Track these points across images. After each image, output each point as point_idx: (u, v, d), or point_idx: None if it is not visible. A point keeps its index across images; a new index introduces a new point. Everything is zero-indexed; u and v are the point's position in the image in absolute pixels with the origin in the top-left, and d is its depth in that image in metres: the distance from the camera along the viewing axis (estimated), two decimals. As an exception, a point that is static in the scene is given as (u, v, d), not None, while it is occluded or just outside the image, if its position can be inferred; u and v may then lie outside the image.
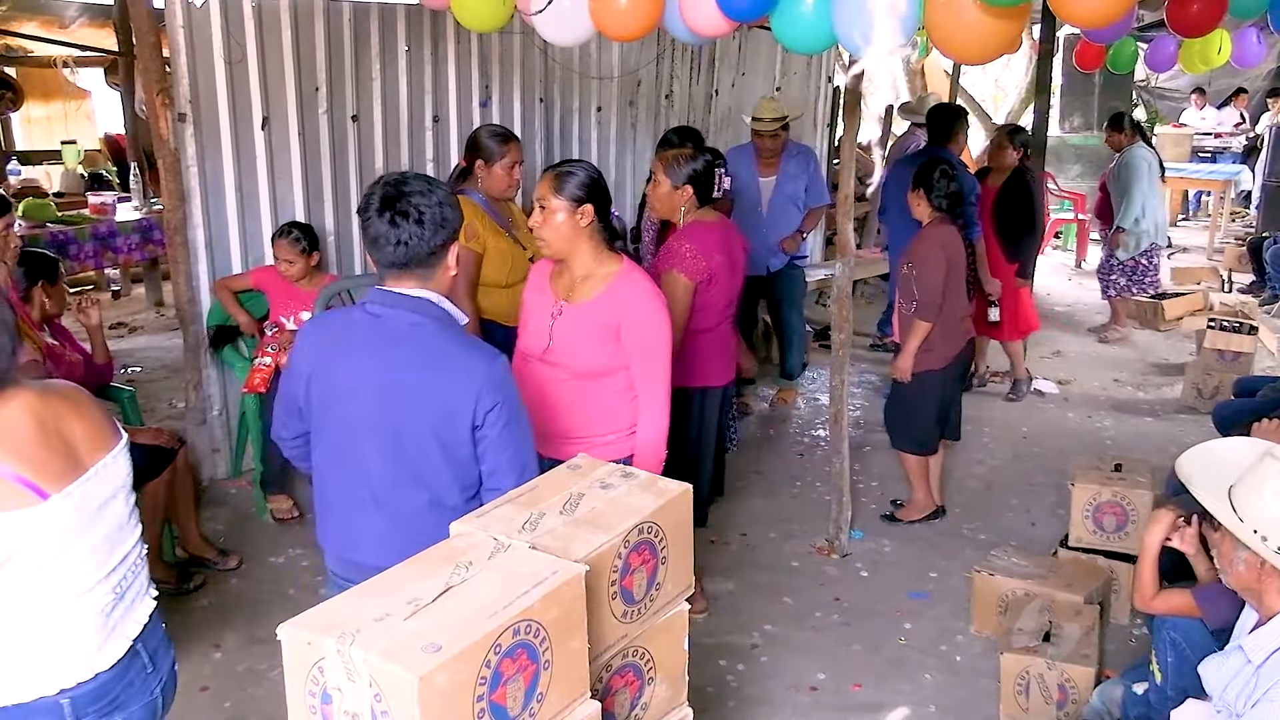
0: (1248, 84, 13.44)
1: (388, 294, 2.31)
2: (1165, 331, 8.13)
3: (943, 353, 4.56)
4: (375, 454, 2.31)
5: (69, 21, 9.16)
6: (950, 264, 4.49)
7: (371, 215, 2.26)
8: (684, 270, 3.64)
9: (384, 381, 2.28)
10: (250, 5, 4.71)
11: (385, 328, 2.30)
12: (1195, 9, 4.40)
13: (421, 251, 2.27)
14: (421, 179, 2.31)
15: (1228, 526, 2.26)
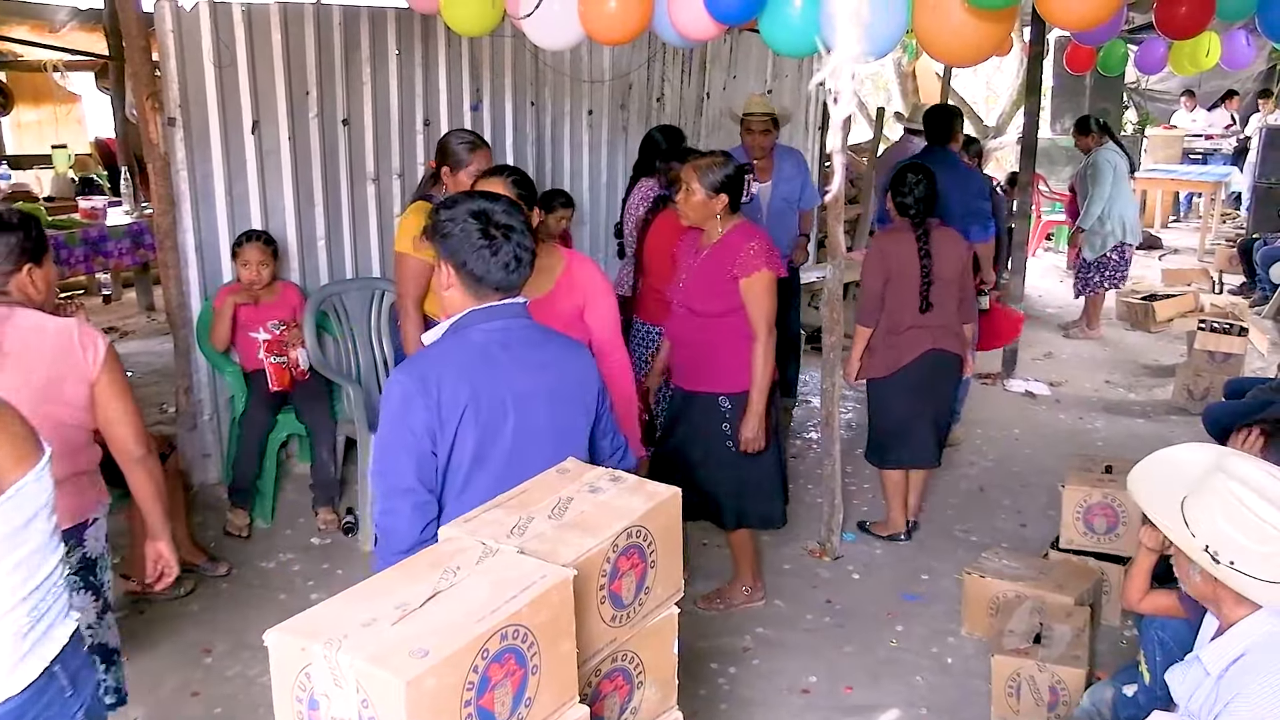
0: (1238, 85, 13.50)
1: (494, 309, 2.35)
2: (1156, 333, 8.16)
3: (885, 362, 4.45)
4: (545, 457, 2.26)
5: (59, 25, 9.13)
6: (893, 272, 4.37)
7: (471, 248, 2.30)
8: (770, 266, 3.67)
9: (545, 386, 2.36)
10: (240, 9, 4.70)
11: (510, 338, 2.35)
12: (1183, 11, 4.42)
13: (517, 278, 2.36)
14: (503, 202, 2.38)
15: (1178, 544, 2.23)
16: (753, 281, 3.63)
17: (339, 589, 1.74)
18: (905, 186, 4.39)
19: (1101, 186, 7.69)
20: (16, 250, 2.51)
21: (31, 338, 2.47)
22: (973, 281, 4.73)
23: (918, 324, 4.40)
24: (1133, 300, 8.48)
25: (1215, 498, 2.16)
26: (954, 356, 4.52)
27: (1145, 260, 11.02)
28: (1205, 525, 2.16)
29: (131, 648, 3.75)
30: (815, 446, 5.58)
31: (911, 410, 4.49)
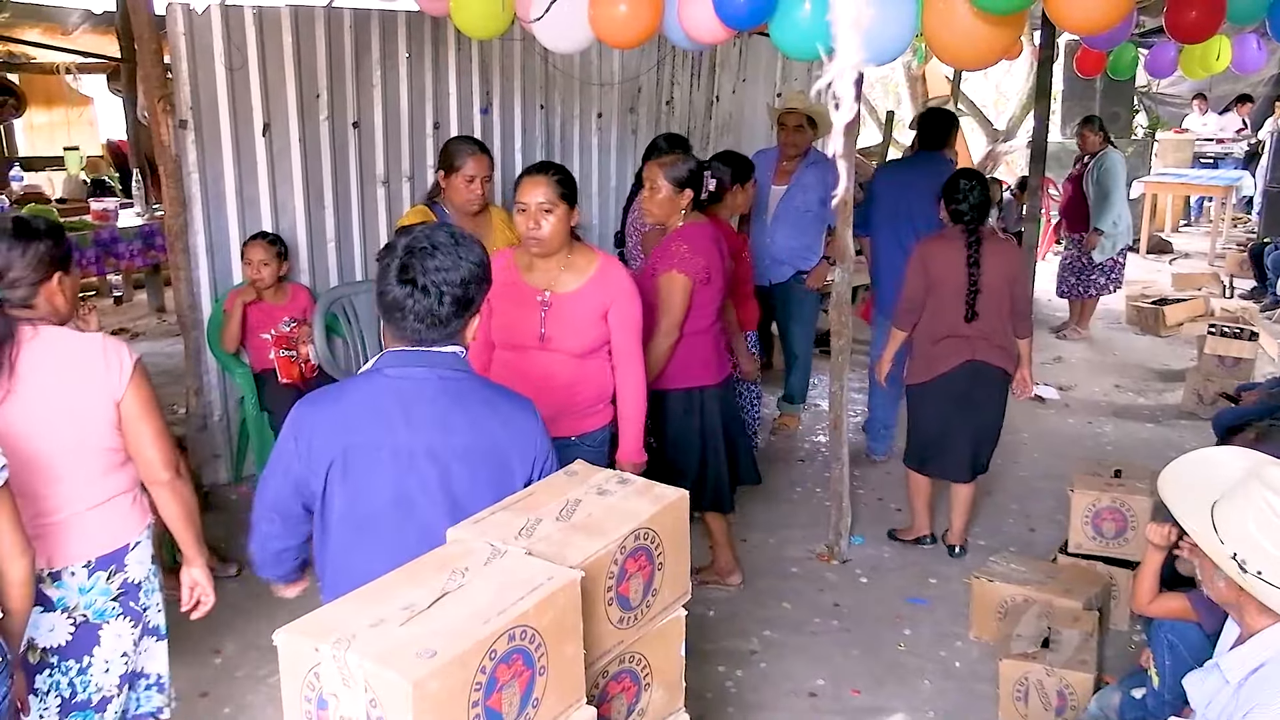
0: (1250, 89, 13.46)
1: (412, 354, 2.15)
2: (1166, 337, 8.14)
3: (922, 368, 4.39)
4: (434, 526, 2.02)
5: (72, 28, 9.19)
6: (935, 278, 4.27)
7: (389, 279, 2.11)
8: (684, 270, 3.70)
9: (434, 447, 2.13)
10: (251, 12, 4.72)
11: (419, 390, 2.14)
12: (1194, 15, 4.41)
13: (437, 333, 2.14)
14: (451, 246, 2.13)
15: (1205, 549, 2.20)
16: (662, 279, 3.70)
17: (347, 590, 1.75)
18: (959, 193, 4.25)
19: (1120, 189, 7.71)
20: (46, 259, 2.43)
21: (56, 358, 2.37)
22: (1028, 295, 4.58)
23: (958, 333, 4.27)
24: (1143, 304, 8.46)
25: (1249, 506, 2.14)
26: (997, 370, 4.34)
27: (1156, 264, 11.00)
28: (1235, 532, 2.14)
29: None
30: (824, 450, 5.58)
31: (946, 421, 4.36)
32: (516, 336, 3.17)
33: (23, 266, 2.38)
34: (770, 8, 3.49)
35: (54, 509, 2.39)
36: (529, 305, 3.15)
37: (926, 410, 4.46)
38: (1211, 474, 2.32)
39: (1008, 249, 4.46)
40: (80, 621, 2.45)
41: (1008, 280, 4.30)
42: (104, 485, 2.46)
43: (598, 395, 3.28)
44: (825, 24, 3.44)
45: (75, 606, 2.44)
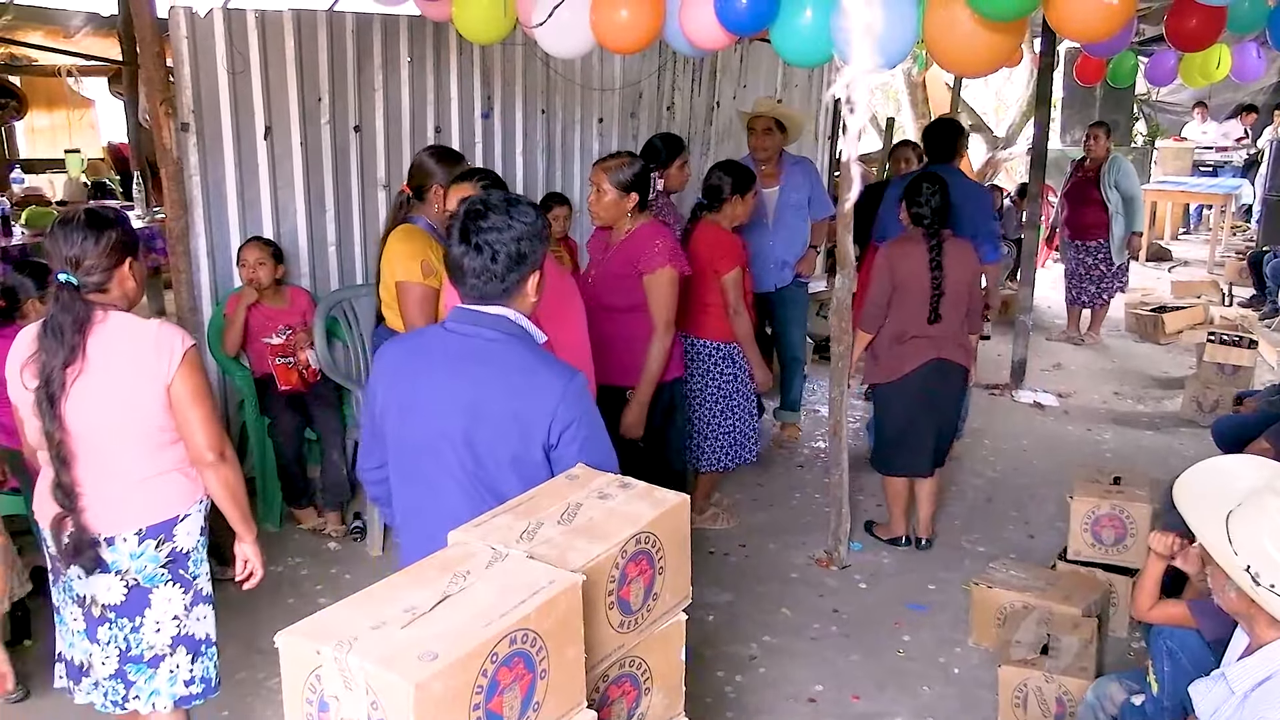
0: (1250, 98, 13.49)
1: (467, 312, 2.34)
2: (1165, 344, 8.15)
3: (888, 369, 4.46)
4: (456, 472, 2.30)
5: (73, 31, 9.20)
6: (900, 281, 4.38)
7: (451, 241, 2.31)
8: (674, 264, 3.82)
9: (464, 400, 2.28)
10: (254, 16, 4.73)
11: (464, 346, 2.31)
12: (1194, 24, 4.42)
13: (495, 288, 2.30)
14: (504, 207, 2.31)
15: (1219, 561, 2.19)
16: (655, 278, 3.79)
17: (347, 593, 1.75)
18: (920, 196, 4.36)
19: (1140, 189, 7.71)
20: (118, 246, 2.58)
21: (119, 342, 2.55)
22: (981, 294, 4.72)
23: (923, 334, 4.39)
24: (1142, 312, 8.47)
25: (1264, 519, 2.12)
26: (959, 367, 4.51)
27: (1155, 272, 11.01)
28: (1250, 545, 2.12)
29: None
30: (823, 456, 5.58)
31: (913, 418, 4.50)
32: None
33: (97, 254, 2.53)
34: (771, 14, 3.51)
35: (107, 480, 2.59)
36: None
37: (892, 409, 4.56)
38: (1227, 483, 2.30)
39: (966, 251, 4.53)
40: (132, 584, 2.65)
41: (967, 281, 4.46)
42: (154, 461, 2.63)
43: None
44: (826, 30, 3.46)
45: (127, 570, 2.63)
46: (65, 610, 2.71)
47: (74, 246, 2.52)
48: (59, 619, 2.74)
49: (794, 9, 3.45)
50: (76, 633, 2.71)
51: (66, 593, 2.69)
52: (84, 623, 2.68)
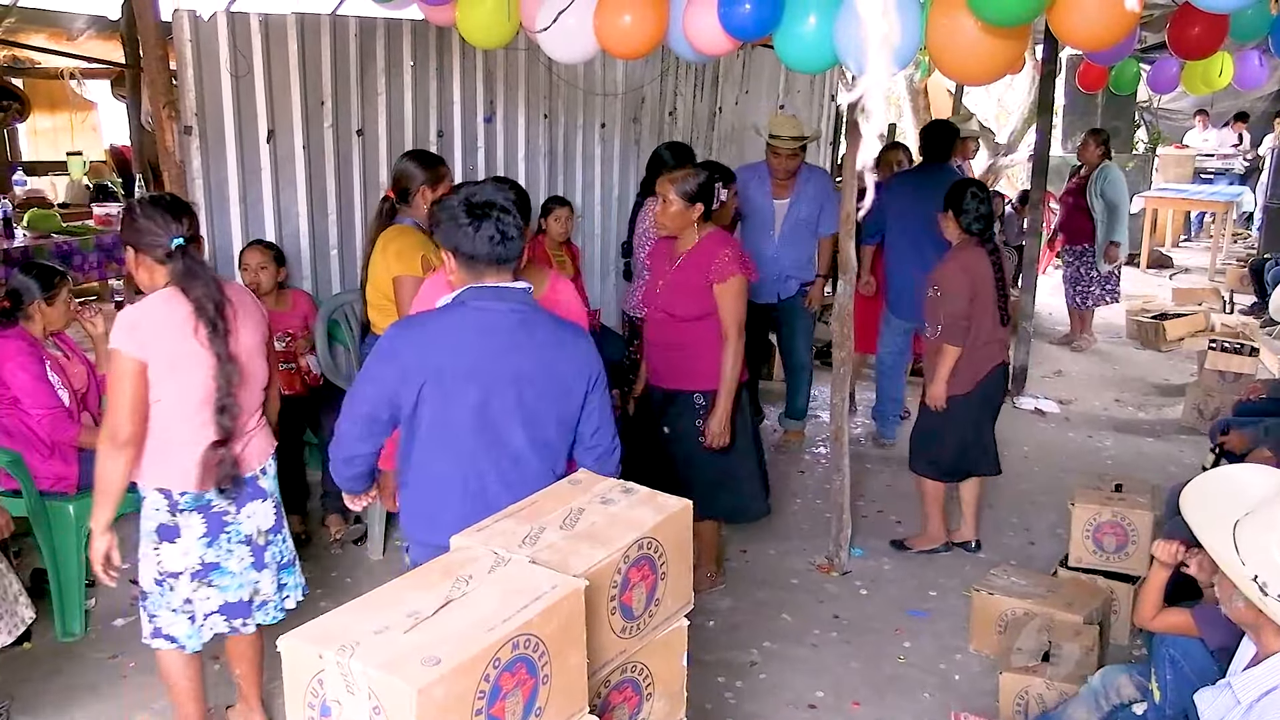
0: (1252, 106, 13.50)
1: (487, 289, 2.52)
2: (1167, 352, 8.15)
3: (968, 377, 4.43)
4: (508, 439, 2.52)
5: (76, 34, 9.21)
6: (976, 287, 4.37)
7: (464, 226, 2.49)
8: (743, 270, 3.88)
9: (516, 370, 2.49)
10: (257, 19, 4.73)
11: (500, 320, 2.51)
12: (1196, 32, 4.42)
13: (513, 265, 2.54)
14: (500, 189, 2.61)
15: (1226, 571, 2.17)
16: (726, 286, 3.83)
17: (347, 598, 1.75)
18: (968, 206, 4.38)
19: (1126, 199, 7.79)
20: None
21: (241, 304, 3.00)
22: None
23: (994, 338, 4.50)
24: (1143, 319, 8.48)
25: (1272, 529, 2.11)
26: (1008, 367, 4.72)
27: (1156, 279, 11.02)
28: (1258, 555, 2.11)
29: (139, 653, 3.77)
30: (824, 461, 5.58)
31: (981, 422, 4.58)
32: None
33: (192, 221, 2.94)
34: (775, 20, 3.51)
35: (254, 419, 3.05)
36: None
37: (967, 417, 4.50)
38: (1235, 492, 2.29)
39: (1004, 255, 4.67)
40: (276, 505, 3.14)
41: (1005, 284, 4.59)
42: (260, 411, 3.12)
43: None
44: (830, 36, 3.45)
45: (272, 493, 3.12)
46: (231, 559, 3.02)
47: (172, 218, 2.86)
48: (222, 573, 3.01)
49: (797, 15, 3.46)
50: (244, 570, 3.05)
51: (231, 540, 3.02)
52: (251, 556, 3.07)
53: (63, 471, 3.87)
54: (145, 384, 2.83)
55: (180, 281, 2.84)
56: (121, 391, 2.81)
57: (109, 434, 2.84)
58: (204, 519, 2.96)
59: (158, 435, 2.90)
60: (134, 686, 3.60)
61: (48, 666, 3.71)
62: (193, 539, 2.97)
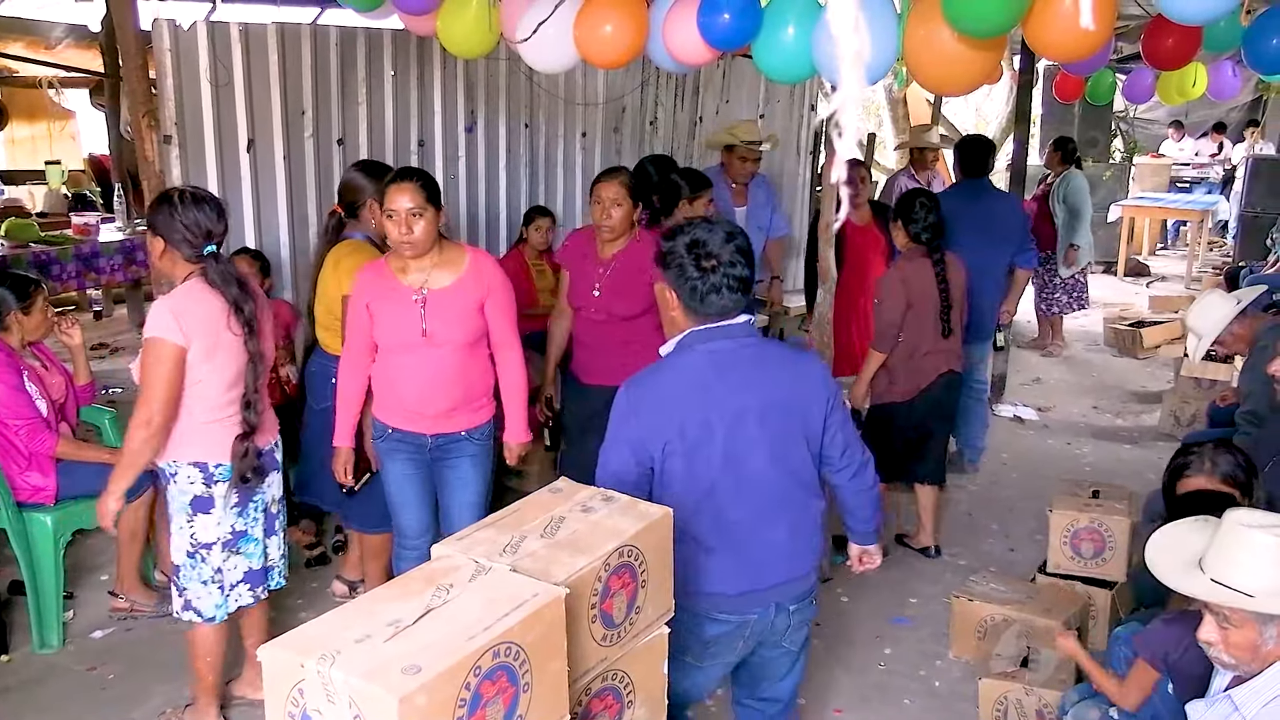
0: (1225, 116, 13.65)
1: (716, 330, 2.49)
2: (1144, 359, 8.22)
3: (905, 386, 4.56)
4: (765, 471, 2.50)
5: (55, 42, 9.17)
6: (914, 297, 4.46)
7: (689, 272, 2.45)
8: None
9: (758, 403, 2.47)
10: (237, 29, 4.73)
11: (730, 358, 2.49)
12: (1170, 43, 4.47)
13: (732, 307, 2.49)
14: (729, 235, 2.50)
15: (1244, 608, 2.10)
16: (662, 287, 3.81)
17: (328, 608, 1.75)
18: (917, 215, 4.47)
19: (1087, 205, 7.89)
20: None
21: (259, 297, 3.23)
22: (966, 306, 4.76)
23: (937, 348, 4.53)
24: (1120, 326, 8.54)
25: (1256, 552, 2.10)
26: (959, 376, 4.71)
27: (1133, 287, 11.11)
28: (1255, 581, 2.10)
29: (118, 665, 3.76)
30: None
31: (930, 430, 4.64)
32: (400, 335, 3.34)
33: (222, 227, 3.10)
34: (754, 30, 3.53)
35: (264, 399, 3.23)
36: (406, 304, 3.31)
37: (910, 423, 4.61)
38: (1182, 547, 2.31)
39: (960, 264, 4.67)
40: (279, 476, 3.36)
41: (963, 293, 4.62)
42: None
43: (484, 388, 3.49)
44: (809, 47, 3.47)
45: (280, 464, 3.35)
46: (255, 527, 3.25)
47: (213, 224, 3.04)
48: (247, 540, 3.24)
49: (777, 25, 3.48)
50: (262, 535, 3.28)
51: (257, 510, 3.25)
52: (265, 521, 3.29)
53: (40, 482, 3.84)
54: (183, 370, 3.01)
55: (212, 281, 3.03)
56: (160, 377, 2.99)
57: (144, 419, 3.02)
58: (236, 489, 3.16)
59: (196, 415, 3.09)
60: (114, 698, 3.58)
61: (26, 678, 3.68)
62: (225, 508, 3.16)
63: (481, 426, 3.50)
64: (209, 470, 3.13)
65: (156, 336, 2.99)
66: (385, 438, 3.48)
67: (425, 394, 3.35)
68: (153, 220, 3.12)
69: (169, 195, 3.10)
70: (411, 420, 3.41)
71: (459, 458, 3.47)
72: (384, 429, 3.48)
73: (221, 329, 3.06)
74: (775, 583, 2.53)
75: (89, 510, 3.97)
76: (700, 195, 4.75)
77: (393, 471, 3.52)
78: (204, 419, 3.11)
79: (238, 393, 3.13)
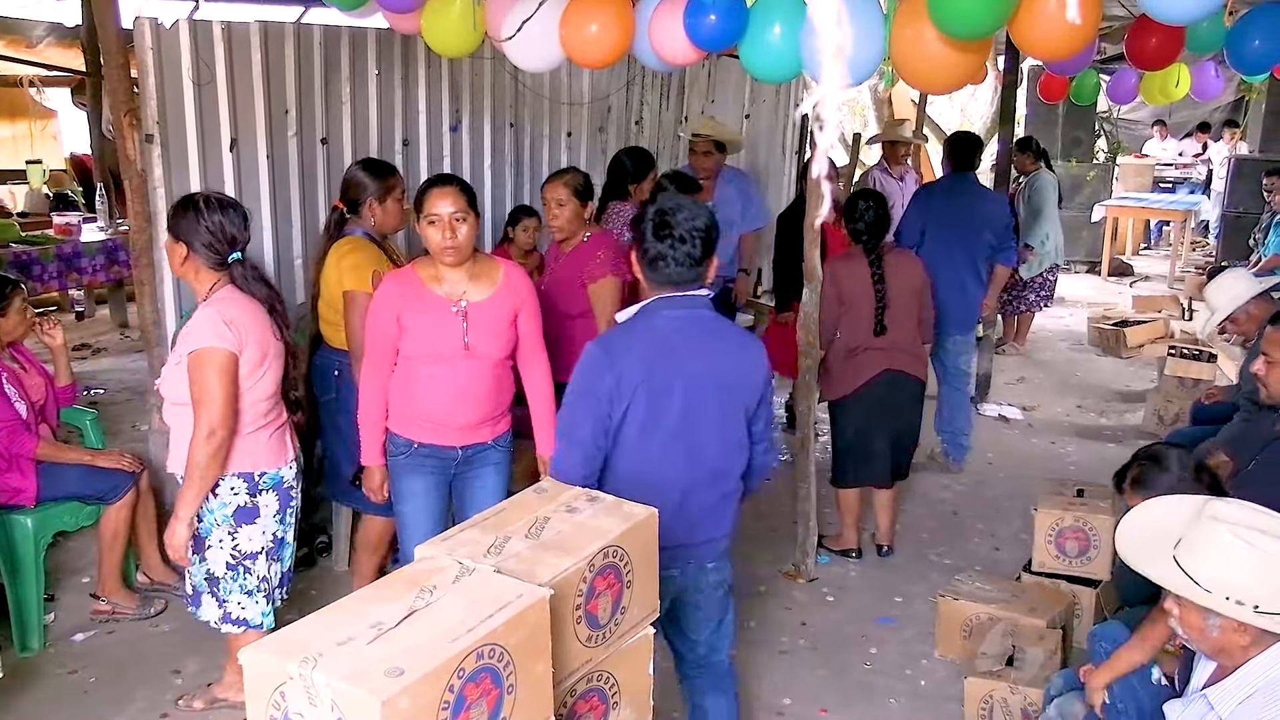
0: (1209, 116, 13.72)
1: (677, 298, 2.64)
2: (1127, 358, 8.26)
3: (842, 383, 4.54)
4: (708, 436, 2.66)
5: (36, 41, 9.10)
6: (846, 296, 4.46)
7: (649, 239, 2.60)
8: (616, 272, 3.94)
9: (712, 372, 2.64)
10: (220, 27, 4.69)
11: (690, 326, 2.65)
12: (1154, 43, 4.49)
13: (692, 275, 2.62)
14: (689, 204, 2.67)
15: (1193, 599, 2.16)
16: (598, 287, 3.92)
17: (312, 609, 1.74)
18: (856, 213, 4.51)
19: (1048, 206, 7.97)
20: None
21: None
22: (932, 305, 4.72)
23: (873, 345, 4.48)
24: (1104, 326, 8.58)
25: (1220, 547, 2.13)
26: (912, 379, 4.57)
27: (1117, 287, 11.16)
28: (1217, 576, 2.12)
29: (99, 669, 3.73)
30: (791, 469, 5.59)
31: (868, 430, 4.57)
32: (437, 347, 3.19)
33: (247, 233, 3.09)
34: (740, 30, 3.53)
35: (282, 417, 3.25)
36: (446, 316, 3.19)
37: (847, 422, 4.62)
38: (1156, 527, 2.33)
39: (911, 261, 4.65)
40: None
41: (913, 291, 4.54)
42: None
43: (508, 399, 3.42)
44: (794, 47, 3.49)
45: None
46: (289, 532, 3.26)
47: (238, 229, 3.02)
48: (284, 546, 3.26)
49: (762, 25, 3.48)
50: (293, 541, 3.30)
51: (290, 515, 3.25)
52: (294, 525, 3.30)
53: (20, 484, 3.81)
54: (237, 378, 2.98)
55: (242, 285, 3.04)
56: (218, 386, 2.93)
57: (206, 432, 2.94)
58: (277, 496, 3.18)
59: (245, 424, 3.06)
60: (95, 702, 3.55)
61: (6, 683, 3.64)
62: (269, 516, 3.16)
63: (505, 434, 3.42)
64: (254, 480, 3.11)
65: (210, 346, 2.92)
66: (410, 453, 3.29)
67: (456, 406, 3.22)
68: (175, 225, 3.05)
69: (193, 199, 3.04)
70: (439, 433, 3.25)
71: (484, 467, 3.37)
72: (407, 444, 3.28)
73: (269, 334, 3.06)
74: (703, 540, 2.70)
75: (70, 512, 3.96)
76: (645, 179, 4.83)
77: (412, 488, 3.32)
78: (249, 428, 3.07)
79: (276, 398, 3.14)
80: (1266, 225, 9.12)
